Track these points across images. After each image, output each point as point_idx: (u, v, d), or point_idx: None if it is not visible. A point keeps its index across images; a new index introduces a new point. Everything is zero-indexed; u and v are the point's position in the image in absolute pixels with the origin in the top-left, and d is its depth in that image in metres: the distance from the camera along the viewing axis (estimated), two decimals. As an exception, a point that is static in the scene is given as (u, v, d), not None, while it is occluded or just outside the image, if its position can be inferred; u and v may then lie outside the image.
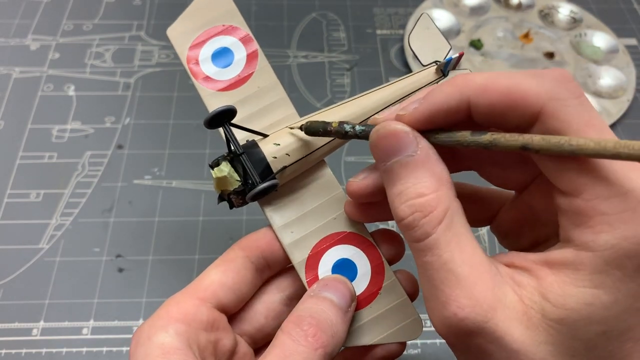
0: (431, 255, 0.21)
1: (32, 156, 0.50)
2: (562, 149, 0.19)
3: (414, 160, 0.22)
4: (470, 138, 0.21)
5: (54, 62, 0.57)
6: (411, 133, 0.22)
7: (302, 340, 0.24)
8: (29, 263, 0.44)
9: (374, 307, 0.28)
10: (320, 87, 0.57)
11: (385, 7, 0.65)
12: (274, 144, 0.27)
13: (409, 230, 0.22)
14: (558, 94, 0.20)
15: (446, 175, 0.22)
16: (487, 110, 0.21)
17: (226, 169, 0.27)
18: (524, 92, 0.20)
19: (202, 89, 0.30)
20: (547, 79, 0.20)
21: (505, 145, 0.21)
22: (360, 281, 0.28)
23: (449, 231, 0.21)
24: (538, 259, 0.21)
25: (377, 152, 0.23)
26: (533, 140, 0.20)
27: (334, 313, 0.26)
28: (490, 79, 0.21)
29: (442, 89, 0.22)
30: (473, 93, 0.21)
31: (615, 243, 0.19)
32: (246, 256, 0.28)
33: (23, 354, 0.40)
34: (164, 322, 0.25)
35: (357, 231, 0.29)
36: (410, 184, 0.22)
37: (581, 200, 0.19)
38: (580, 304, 0.19)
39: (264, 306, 0.29)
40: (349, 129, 0.25)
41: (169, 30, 0.31)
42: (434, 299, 0.21)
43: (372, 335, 0.28)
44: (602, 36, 0.62)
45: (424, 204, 0.21)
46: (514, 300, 0.20)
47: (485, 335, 0.20)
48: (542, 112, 0.20)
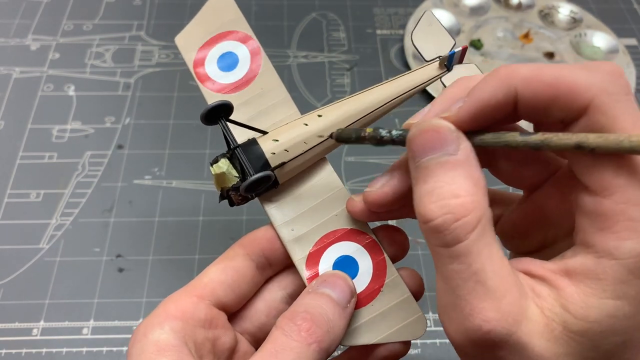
0: (459, 264, 0.19)
1: (32, 156, 0.50)
2: (620, 146, 0.18)
3: (453, 160, 0.20)
4: (520, 139, 0.20)
5: (54, 62, 0.57)
6: (455, 132, 0.21)
7: (294, 335, 0.23)
8: (29, 263, 0.44)
9: (376, 305, 0.28)
10: (320, 87, 0.57)
11: (385, 7, 0.65)
12: (273, 140, 0.27)
13: (437, 233, 0.20)
14: (609, 88, 0.19)
15: (483, 182, 0.20)
16: (533, 102, 0.20)
17: (224, 165, 0.27)
18: (573, 83, 0.19)
19: (208, 92, 0.31)
20: (598, 71, 0.19)
21: (557, 144, 0.19)
22: (361, 278, 0.28)
23: (482, 239, 0.19)
24: (556, 267, 0.20)
25: (414, 146, 0.21)
26: (588, 139, 0.18)
27: (331, 308, 0.25)
28: (537, 69, 0.20)
29: (488, 83, 0.21)
30: (520, 83, 0.20)
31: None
32: (246, 254, 0.28)
33: (23, 354, 0.40)
34: (160, 319, 0.25)
35: (359, 228, 0.29)
36: (445, 183, 0.20)
37: (611, 202, 0.18)
38: (602, 316, 0.18)
39: (265, 304, 0.29)
40: (385, 134, 0.23)
41: (177, 39, 0.32)
42: (456, 310, 0.20)
43: (375, 334, 0.28)
44: (602, 36, 0.62)
45: (459, 205, 0.19)
46: (536, 312, 0.20)
47: (508, 348, 0.19)
48: (591, 106, 0.19)
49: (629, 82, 0.19)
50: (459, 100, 0.21)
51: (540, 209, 0.25)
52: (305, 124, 0.28)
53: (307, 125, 0.28)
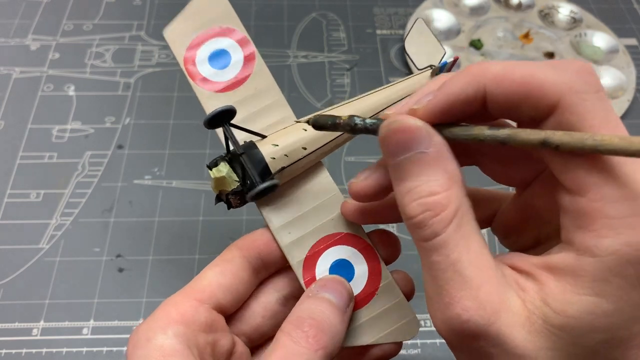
0: (438, 255, 0.20)
1: (32, 156, 0.50)
2: (584, 144, 0.18)
3: (426, 157, 0.21)
4: (487, 132, 0.21)
5: (54, 62, 0.57)
6: (424, 128, 0.21)
7: (303, 341, 0.24)
8: (29, 263, 0.44)
9: (371, 307, 0.28)
10: (320, 87, 0.57)
11: (385, 7, 0.65)
12: (273, 145, 0.27)
13: (418, 229, 0.21)
14: (577, 86, 0.19)
15: (458, 173, 0.21)
16: (503, 100, 0.20)
17: (224, 169, 0.27)
18: (541, 82, 0.19)
19: (200, 90, 0.30)
20: (567, 70, 0.19)
21: (524, 140, 0.20)
22: (357, 282, 0.28)
23: (458, 231, 0.20)
24: (540, 262, 0.21)
25: (387, 147, 0.22)
26: (555, 135, 0.19)
27: (333, 313, 0.26)
28: (507, 67, 0.20)
29: (458, 79, 0.21)
30: (489, 82, 0.20)
31: (618, 249, 0.18)
32: (243, 256, 0.28)
33: (23, 354, 0.40)
34: (162, 323, 0.25)
35: (354, 232, 0.29)
36: (421, 181, 0.21)
37: (587, 200, 0.19)
38: (581, 312, 0.19)
39: (261, 306, 0.29)
40: (358, 122, 0.23)
41: (166, 31, 0.31)
42: (438, 299, 0.21)
43: (370, 336, 0.28)
44: (602, 36, 0.62)
45: (435, 202, 0.20)
46: (517, 304, 0.20)
47: (488, 339, 0.20)
48: (560, 105, 0.19)
49: (598, 79, 0.19)
50: (429, 94, 0.22)
51: (532, 207, 0.25)
52: (305, 129, 0.28)
53: (306, 130, 0.28)
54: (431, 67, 0.30)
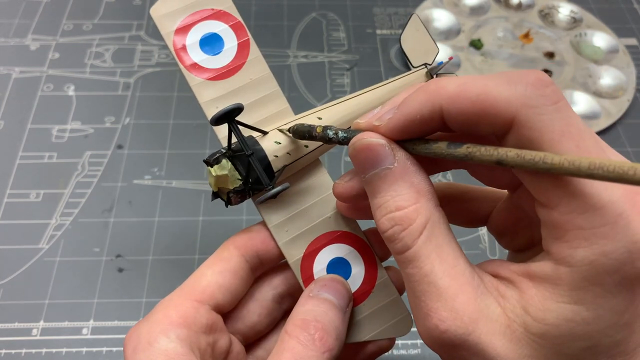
0: (412, 268, 0.21)
1: (32, 156, 0.50)
2: (537, 167, 0.18)
3: (391, 173, 0.22)
4: (446, 150, 0.21)
5: (54, 62, 0.57)
6: (387, 145, 0.22)
7: (310, 344, 0.24)
8: (29, 263, 0.44)
9: (367, 304, 0.29)
10: (320, 87, 0.57)
11: (385, 7, 0.65)
12: (275, 142, 0.27)
13: (390, 243, 0.22)
14: (531, 101, 0.19)
15: (425, 185, 0.22)
16: (460, 118, 0.20)
17: (227, 167, 0.26)
18: (494, 99, 0.19)
19: (191, 76, 0.28)
20: (520, 84, 0.19)
21: (480, 159, 0.20)
22: (354, 279, 0.29)
23: (429, 243, 0.21)
24: (520, 270, 0.21)
25: (356, 164, 0.23)
26: (507, 157, 0.19)
27: (335, 315, 0.26)
28: (462, 85, 0.20)
29: (415, 98, 0.21)
30: (445, 101, 0.20)
31: (593, 259, 0.18)
32: (241, 255, 0.28)
33: (23, 354, 0.40)
34: (163, 326, 0.25)
35: (351, 230, 0.29)
36: (389, 197, 0.22)
37: (558, 213, 0.19)
38: (560, 320, 0.19)
39: (257, 304, 0.29)
40: (332, 135, 0.25)
41: (153, 10, 0.29)
42: (417, 310, 0.21)
43: (366, 332, 0.28)
44: (602, 36, 0.62)
45: (403, 217, 0.21)
46: (497, 312, 0.20)
47: (468, 348, 0.20)
48: (515, 121, 0.19)
49: (556, 89, 0.19)
50: (390, 111, 0.22)
51: (522, 209, 0.25)
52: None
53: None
54: (426, 66, 0.30)
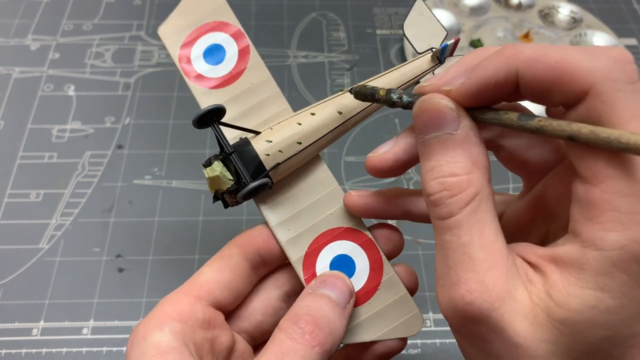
0: (451, 235, 0.21)
1: (32, 156, 0.50)
2: (610, 145, 0.18)
3: (452, 139, 0.21)
4: (517, 122, 0.21)
5: (54, 62, 0.57)
6: (455, 110, 0.21)
7: (299, 338, 0.24)
8: (29, 263, 0.44)
9: (373, 303, 0.28)
10: (320, 87, 0.57)
11: (385, 7, 0.65)
12: (266, 141, 0.27)
13: (435, 206, 0.21)
14: (612, 74, 0.18)
15: (483, 159, 0.21)
16: (535, 84, 0.20)
17: (218, 168, 0.26)
18: (573, 68, 0.18)
19: (195, 87, 0.30)
20: (603, 56, 0.18)
21: (552, 133, 0.19)
22: (358, 277, 0.28)
23: (474, 215, 0.21)
24: (545, 254, 0.21)
25: (418, 123, 0.22)
26: (581, 133, 0.18)
27: (331, 309, 0.25)
28: (541, 50, 0.19)
29: (491, 61, 0.21)
30: (522, 65, 0.20)
31: (624, 244, 0.18)
32: (242, 254, 0.28)
33: (23, 354, 0.40)
34: (159, 321, 0.25)
35: (354, 226, 0.29)
36: (445, 162, 0.21)
37: (599, 191, 0.18)
38: (583, 306, 0.19)
39: (262, 303, 0.29)
40: (395, 98, 0.24)
41: (160, 30, 0.31)
42: (446, 278, 0.21)
43: (372, 332, 0.28)
44: (602, 36, 0.62)
45: (454, 183, 0.21)
46: (523, 295, 0.20)
47: (488, 324, 0.20)
48: (590, 92, 0.18)
49: (635, 69, 0.18)
50: (462, 75, 0.22)
51: (542, 200, 0.25)
52: (299, 123, 0.28)
53: (300, 124, 0.28)
54: (432, 50, 0.29)
